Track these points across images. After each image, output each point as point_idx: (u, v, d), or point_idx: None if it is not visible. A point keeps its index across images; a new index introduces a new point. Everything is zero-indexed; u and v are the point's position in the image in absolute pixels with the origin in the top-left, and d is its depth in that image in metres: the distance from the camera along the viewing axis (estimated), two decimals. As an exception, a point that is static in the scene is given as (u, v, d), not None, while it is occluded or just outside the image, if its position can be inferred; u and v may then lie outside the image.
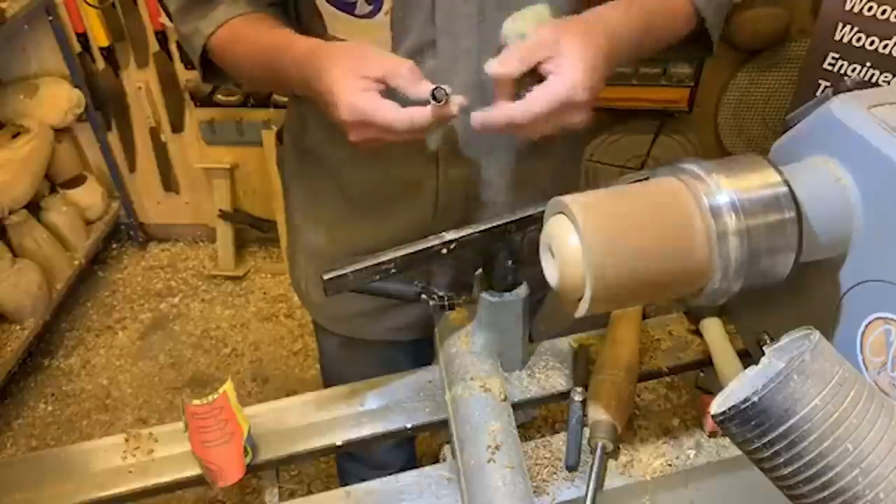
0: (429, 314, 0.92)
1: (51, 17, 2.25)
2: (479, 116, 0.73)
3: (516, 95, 0.72)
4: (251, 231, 2.71)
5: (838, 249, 0.68)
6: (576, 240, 0.61)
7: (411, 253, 0.76)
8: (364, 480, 0.79)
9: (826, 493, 0.51)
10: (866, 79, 1.47)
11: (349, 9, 0.80)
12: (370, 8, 0.79)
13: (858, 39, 1.45)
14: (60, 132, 2.41)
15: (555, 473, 0.77)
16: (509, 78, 0.72)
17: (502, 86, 0.72)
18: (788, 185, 0.63)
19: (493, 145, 0.89)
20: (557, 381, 0.86)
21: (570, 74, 0.70)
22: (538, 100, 0.70)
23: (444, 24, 0.81)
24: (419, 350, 1.05)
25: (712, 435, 0.80)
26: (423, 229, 0.83)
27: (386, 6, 0.79)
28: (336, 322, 1.11)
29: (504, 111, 0.71)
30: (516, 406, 0.82)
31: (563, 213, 0.63)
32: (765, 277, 0.64)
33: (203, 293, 2.61)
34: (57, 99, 2.33)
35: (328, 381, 1.26)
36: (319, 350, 1.29)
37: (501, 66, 0.71)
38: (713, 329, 0.87)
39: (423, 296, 0.87)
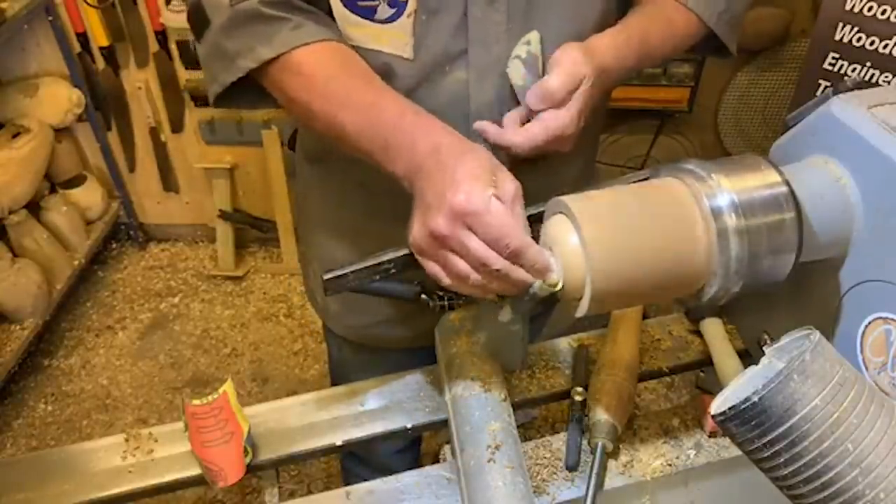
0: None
1: (51, 17, 2.25)
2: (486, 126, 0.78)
3: None
4: (251, 231, 2.71)
5: (838, 249, 0.68)
6: (576, 240, 0.61)
7: (411, 253, 0.76)
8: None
9: (826, 493, 0.51)
10: (866, 79, 1.47)
11: (369, 13, 0.77)
12: (392, 11, 0.76)
13: (858, 39, 1.45)
14: (60, 132, 2.41)
15: (555, 473, 0.77)
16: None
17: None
18: (788, 185, 0.63)
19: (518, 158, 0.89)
20: (557, 381, 0.86)
21: (566, 113, 0.76)
22: (538, 136, 0.76)
23: (477, 32, 0.79)
24: (432, 354, 1.04)
25: (712, 435, 0.80)
26: None
27: (409, 8, 0.76)
28: (355, 331, 1.10)
29: (507, 138, 0.77)
30: (516, 406, 0.82)
31: (563, 213, 0.63)
32: (765, 277, 0.64)
33: (203, 293, 2.61)
34: (57, 99, 2.33)
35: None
36: (330, 357, 1.28)
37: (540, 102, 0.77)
38: (713, 329, 0.87)
39: (423, 296, 0.87)
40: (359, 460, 1.35)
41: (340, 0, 0.77)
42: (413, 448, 1.38)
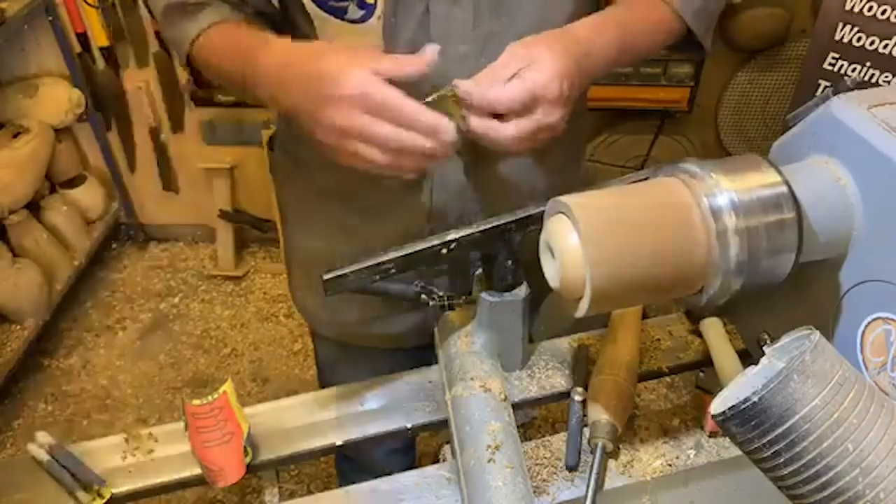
0: (425, 321, 0.91)
1: (51, 17, 2.25)
2: (467, 87, 0.73)
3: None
4: (251, 231, 2.71)
5: (838, 249, 0.68)
6: (576, 240, 0.61)
7: (411, 253, 0.76)
8: (364, 484, 0.79)
9: (826, 493, 0.51)
10: (866, 79, 1.47)
11: (339, 13, 0.78)
12: (362, 13, 0.77)
13: (858, 39, 1.46)
14: (60, 132, 2.41)
15: (555, 473, 0.77)
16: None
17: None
18: (788, 185, 0.63)
19: (486, 150, 0.88)
20: (557, 381, 0.86)
21: (544, 71, 0.71)
22: (514, 86, 0.71)
23: (439, 30, 0.79)
24: (418, 356, 1.05)
25: (712, 435, 0.80)
26: (419, 233, 0.83)
27: (378, 11, 0.77)
28: (336, 330, 1.11)
29: (484, 95, 0.71)
30: (516, 406, 0.82)
31: (562, 213, 0.63)
32: (765, 277, 0.64)
33: (203, 293, 2.61)
34: (57, 99, 2.33)
35: (324, 387, 1.26)
36: (316, 357, 1.29)
37: (476, 86, 0.72)
38: (713, 329, 0.87)
39: (423, 296, 0.87)
40: (354, 464, 1.35)
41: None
42: (409, 450, 1.38)
